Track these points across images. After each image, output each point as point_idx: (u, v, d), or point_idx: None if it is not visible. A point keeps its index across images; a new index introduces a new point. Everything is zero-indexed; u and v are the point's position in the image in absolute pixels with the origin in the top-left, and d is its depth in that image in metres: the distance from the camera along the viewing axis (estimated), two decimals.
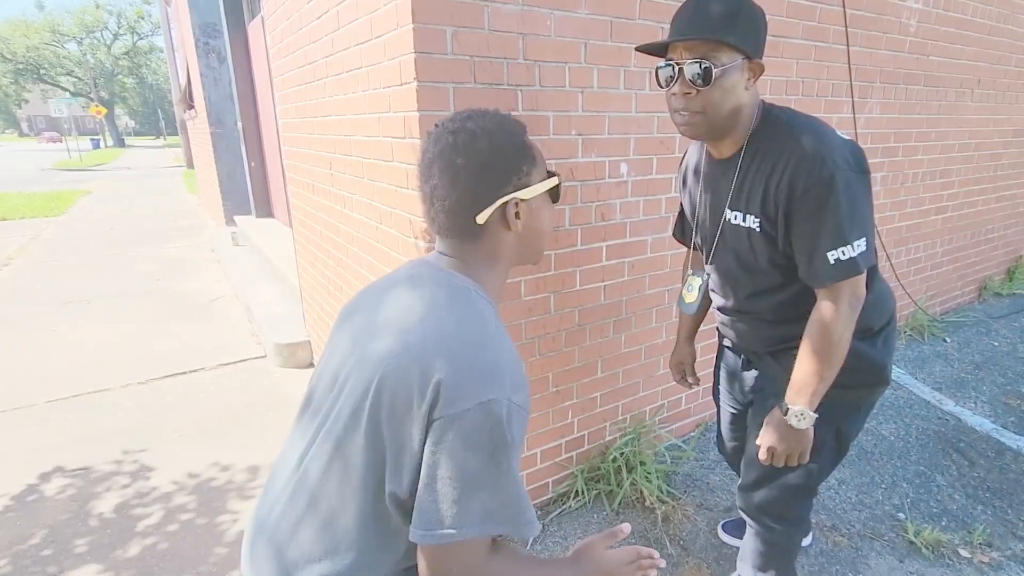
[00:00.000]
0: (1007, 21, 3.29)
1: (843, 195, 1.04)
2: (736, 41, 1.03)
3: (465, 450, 0.70)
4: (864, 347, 1.23)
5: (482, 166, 0.80)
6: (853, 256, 1.06)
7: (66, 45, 36.60)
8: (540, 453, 2.06)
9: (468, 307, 0.80)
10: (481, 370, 0.73)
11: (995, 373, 3.11)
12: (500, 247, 0.86)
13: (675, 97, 1.10)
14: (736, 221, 1.22)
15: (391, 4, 1.49)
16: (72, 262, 5.94)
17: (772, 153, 1.12)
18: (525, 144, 0.84)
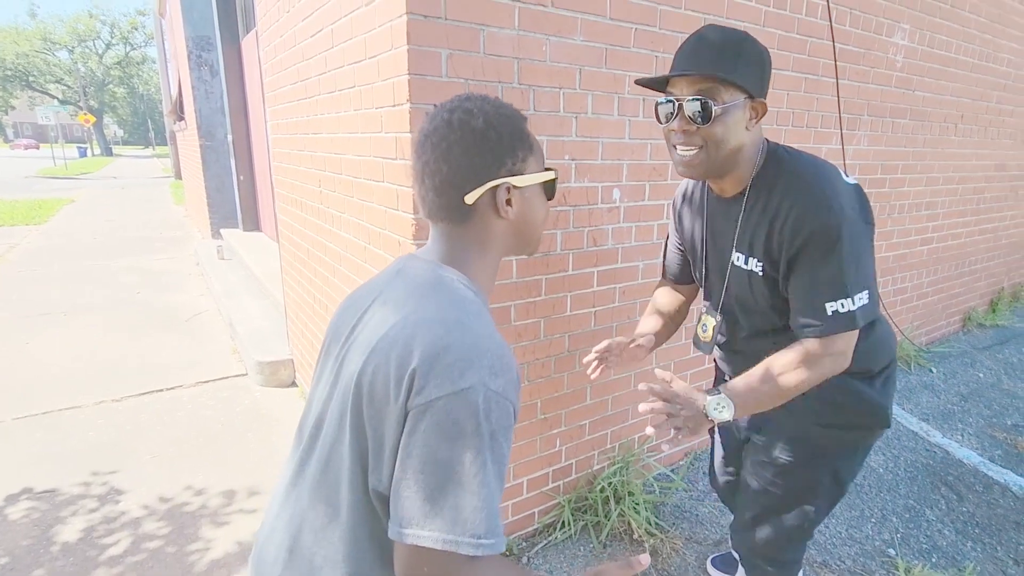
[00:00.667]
0: (988, 59, 3.38)
1: (848, 245, 1.00)
2: (738, 79, 0.99)
3: (438, 441, 0.65)
4: (864, 388, 1.20)
5: (476, 144, 0.77)
6: (852, 310, 1.02)
7: (57, 53, 36.44)
8: (527, 482, 2.01)
9: (449, 294, 0.77)
10: (457, 356, 0.68)
11: (981, 405, 3.12)
12: (490, 234, 0.83)
13: (674, 133, 1.07)
14: (739, 263, 1.18)
15: (386, 25, 1.48)
16: (51, 272, 5.81)
17: (777, 195, 1.08)
18: (523, 131, 0.82)
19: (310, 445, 0.81)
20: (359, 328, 0.80)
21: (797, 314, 1.08)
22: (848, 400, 1.19)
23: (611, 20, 1.73)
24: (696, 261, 1.35)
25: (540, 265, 1.81)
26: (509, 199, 0.81)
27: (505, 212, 0.81)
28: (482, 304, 0.80)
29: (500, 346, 0.73)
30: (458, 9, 1.44)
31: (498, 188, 0.80)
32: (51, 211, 10.22)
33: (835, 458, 1.26)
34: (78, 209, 10.81)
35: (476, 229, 0.83)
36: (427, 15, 1.40)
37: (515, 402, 0.72)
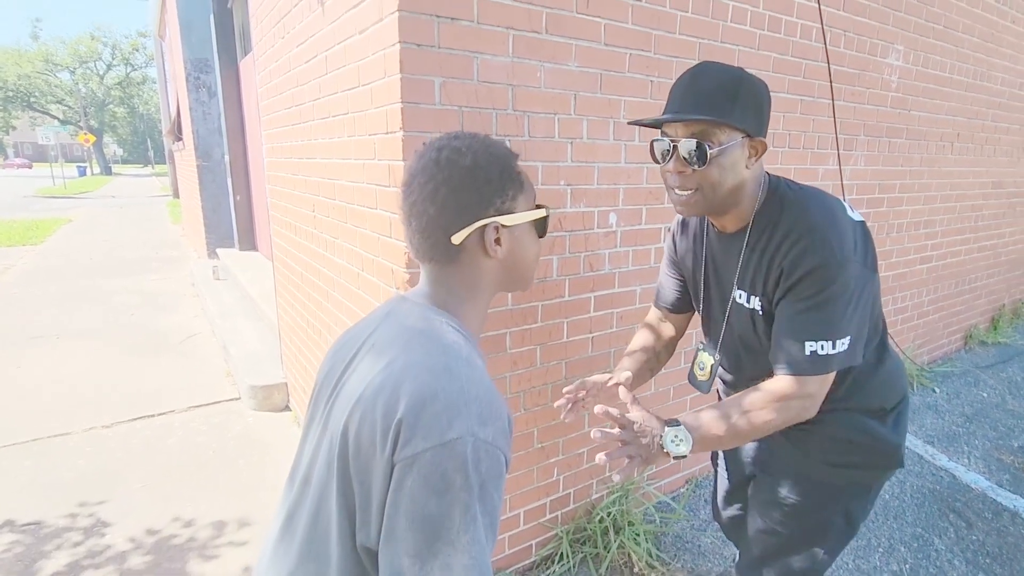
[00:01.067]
0: (983, 78, 3.39)
1: (842, 288, 0.97)
2: (734, 121, 0.97)
3: (426, 496, 0.62)
4: (876, 426, 1.15)
5: (463, 184, 0.76)
6: (831, 353, 0.99)
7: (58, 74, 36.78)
8: (523, 513, 1.96)
9: (438, 339, 0.74)
10: (444, 405, 0.65)
11: (986, 426, 3.07)
12: (479, 274, 0.82)
13: (670, 174, 1.04)
14: (741, 300, 1.15)
15: (380, 53, 1.46)
16: (46, 294, 5.77)
17: (780, 232, 1.04)
18: (512, 169, 0.81)
19: (299, 497, 0.77)
20: (347, 374, 0.77)
21: (775, 346, 1.05)
22: (861, 439, 1.14)
23: (605, 46, 1.72)
24: (697, 295, 1.31)
25: (536, 291, 1.78)
26: (498, 238, 0.79)
27: (494, 252, 0.79)
28: (472, 348, 0.77)
29: (490, 392, 0.70)
30: (451, 37, 1.43)
31: (486, 228, 0.78)
32: (48, 231, 10.20)
33: (847, 499, 1.21)
34: (75, 229, 10.80)
35: (465, 269, 0.81)
36: (420, 44, 1.39)
37: (506, 450, 0.68)
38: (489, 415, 0.67)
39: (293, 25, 2.15)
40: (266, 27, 2.57)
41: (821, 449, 1.16)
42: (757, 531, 1.32)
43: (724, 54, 2.02)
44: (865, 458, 1.16)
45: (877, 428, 1.16)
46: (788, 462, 1.22)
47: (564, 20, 1.62)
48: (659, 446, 0.97)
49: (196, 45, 6.24)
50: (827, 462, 1.18)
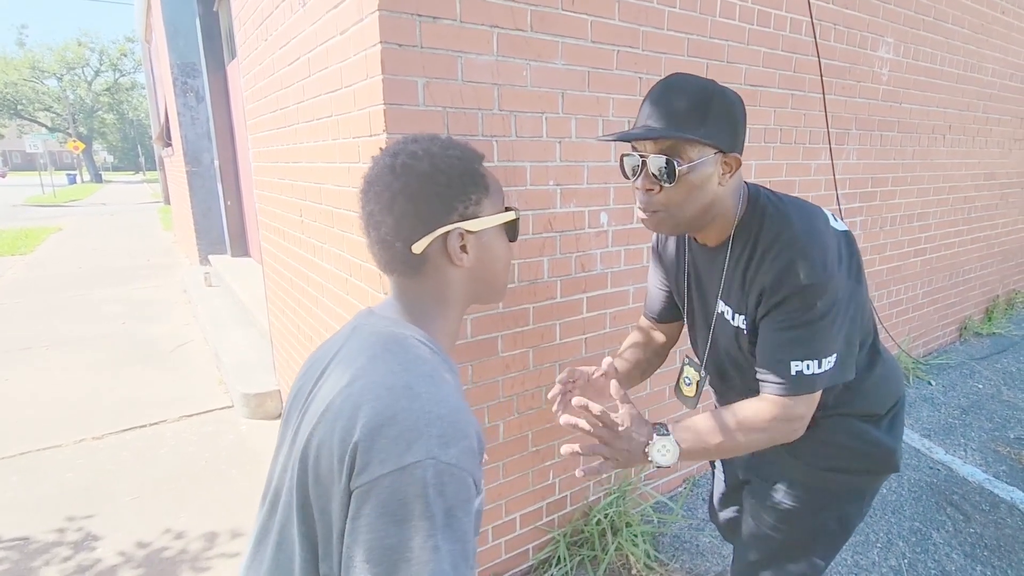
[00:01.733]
0: (973, 70, 3.38)
1: (828, 307, 0.94)
2: (705, 137, 0.92)
3: (384, 526, 0.58)
4: (870, 430, 1.13)
5: (421, 190, 0.71)
6: (816, 373, 0.96)
7: (45, 81, 36.46)
8: (519, 518, 1.93)
9: (402, 355, 0.70)
10: (403, 427, 0.61)
11: (982, 418, 3.07)
12: (447, 285, 0.77)
13: (639, 192, 0.99)
14: (727, 316, 1.11)
15: (361, 54, 1.43)
16: (34, 304, 5.71)
17: (761, 247, 1.00)
18: (475, 171, 0.76)
19: (266, 521, 0.74)
20: (314, 393, 0.73)
21: (760, 365, 1.02)
22: (854, 444, 1.12)
23: (592, 43, 1.70)
24: (681, 305, 1.28)
25: (527, 293, 1.75)
26: (464, 245, 0.75)
27: (460, 260, 0.75)
28: (440, 362, 0.74)
29: (454, 411, 0.65)
30: (434, 37, 1.40)
31: (449, 235, 0.74)
32: (37, 240, 10.10)
33: (841, 504, 1.19)
34: (65, 237, 10.70)
35: (431, 281, 0.77)
36: (402, 44, 1.36)
37: (474, 472, 0.64)
38: (453, 435, 0.62)
39: (276, 27, 2.12)
40: (249, 29, 2.54)
41: (814, 454, 1.14)
42: (752, 535, 1.30)
43: (713, 49, 2.00)
44: (859, 463, 1.14)
45: (871, 432, 1.13)
46: (781, 467, 1.19)
47: (549, 17, 1.59)
48: (643, 453, 0.95)
49: (183, 49, 6.18)
50: (820, 467, 1.16)
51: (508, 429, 1.82)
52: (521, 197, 1.66)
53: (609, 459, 0.94)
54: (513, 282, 1.71)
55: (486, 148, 1.55)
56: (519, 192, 1.65)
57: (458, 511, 0.61)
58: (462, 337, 1.63)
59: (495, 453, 1.80)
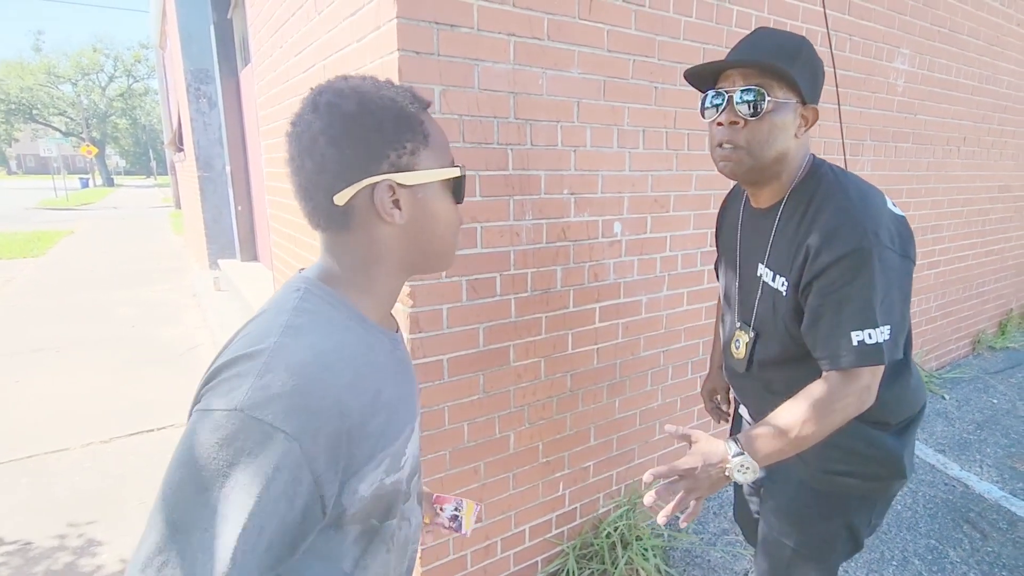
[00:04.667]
0: (989, 82, 3.36)
1: (879, 273, 0.92)
2: (795, 76, 0.95)
3: (173, 467, 0.53)
4: (877, 434, 1.11)
5: (345, 133, 0.62)
6: (880, 342, 0.93)
7: (60, 86, 36.98)
8: (528, 529, 1.91)
9: (276, 306, 0.64)
10: (233, 372, 0.56)
11: (997, 433, 3.01)
12: (376, 244, 0.67)
13: (720, 128, 1.01)
14: (767, 279, 1.11)
15: (378, 61, 1.43)
16: (47, 306, 5.75)
17: (812, 210, 1.01)
18: (413, 117, 0.65)
19: None
20: None
21: (818, 344, 0.99)
22: (859, 446, 1.10)
23: (608, 52, 1.69)
24: (730, 271, 1.27)
25: (539, 303, 1.74)
26: (396, 200, 0.65)
27: (390, 216, 0.65)
28: (339, 319, 0.65)
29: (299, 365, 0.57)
30: (451, 45, 1.40)
31: (377, 187, 0.64)
32: (50, 243, 10.20)
33: (849, 511, 1.17)
34: (77, 240, 10.80)
35: (358, 238, 0.67)
36: (419, 51, 1.36)
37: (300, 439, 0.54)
38: (283, 391, 0.54)
39: (291, 34, 2.13)
40: (264, 36, 2.55)
41: (819, 457, 1.11)
42: (766, 541, 1.29)
43: None
44: (865, 467, 1.12)
45: (879, 437, 1.11)
46: (790, 469, 1.17)
47: (566, 26, 1.59)
48: (724, 477, 0.95)
49: (196, 56, 6.24)
50: (827, 471, 1.14)
51: (519, 440, 1.80)
52: (535, 205, 1.65)
53: (694, 491, 0.94)
54: (526, 291, 1.70)
55: (501, 156, 1.55)
56: (533, 201, 1.64)
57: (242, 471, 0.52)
58: (473, 346, 1.62)
59: (505, 464, 1.79)
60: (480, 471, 1.73)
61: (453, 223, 0.73)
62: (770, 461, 0.98)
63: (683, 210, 2.04)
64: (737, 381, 1.29)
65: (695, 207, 2.07)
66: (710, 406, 1.56)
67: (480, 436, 1.70)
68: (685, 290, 2.13)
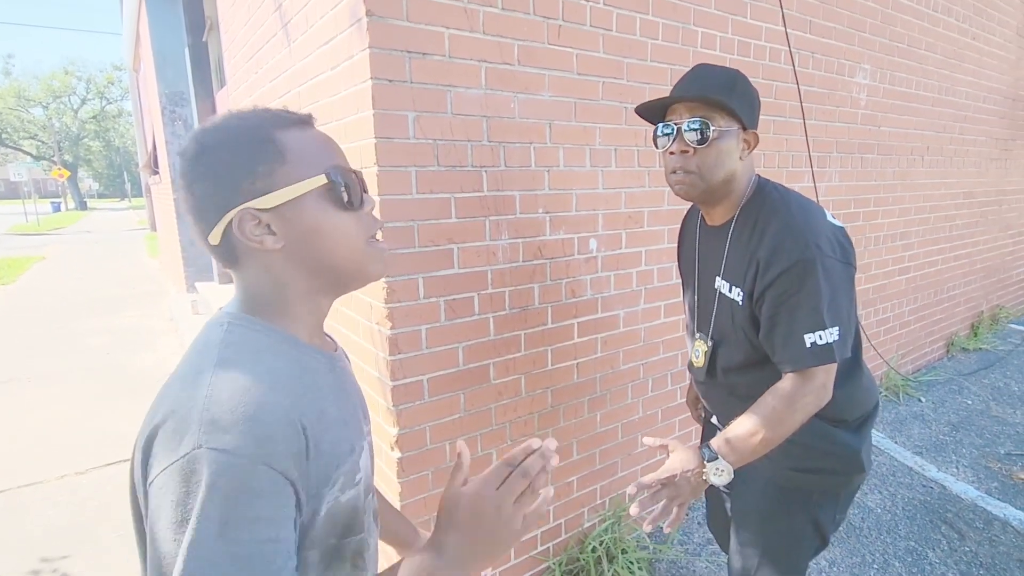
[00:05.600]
0: (948, 93, 3.49)
1: (823, 280, 1.02)
2: (733, 105, 1.05)
3: (157, 529, 0.51)
4: (835, 431, 1.19)
5: (197, 176, 0.63)
6: (830, 342, 1.03)
7: (31, 110, 36.40)
8: (513, 548, 1.91)
9: (203, 342, 0.63)
10: (179, 419, 0.54)
11: (972, 434, 3.09)
12: (272, 271, 0.66)
13: (672, 156, 1.11)
14: (723, 291, 1.20)
15: (352, 89, 1.45)
16: (16, 336, 5.61)
17: (760, 226, 1.11)
18: (261, 139, 0.63)
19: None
20: None
21: (775, 348, 1.09)
22: (820, 443, 1.18)
23: (578, 75, 1.73)
24: (688, 287, 1.37)
25: (518, 320, 1.76)
26: (268, 225, 0.64)
27: (260, 243, 0.64)
28: (266, 344, 0.64)
29: (242, 393, 0.56)
30: (423, 72, 1.42)
31: (236, 220, 0.63)
32: (20, 270, 9.98)
33: (814, 507, 1.24)
34: (48, 267, 10.58)
35: (253, 269, 0.66)
36: (392, 79, 1.38)
37: (268, 459, 0.54)
38: (231, 420, 0.54)
39: (266, 60, 2.14)
40: (239, 61, 2.56)
41: (783, 455, 1.17)
42: (737, 543, 1.34)
43: None
44: (825, 462, 1.20)
45: (837, 434, 1.19)
46: (757, 469, 1.23)
47: (536, 51, 1.62)
48: (703, 481, 1.05)
49: (171, 78, 6.21)
50: (789, 467, 1.21)
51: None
52: (511, 225, 1.68)
53: (677, 498, 1.03)
54: (504, 309, 1.71)
55: (475, 179, 1.57)
56: (509, 220, 1.67)
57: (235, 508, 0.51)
58: (453, 365, 1.63)
59: None
60: None
61: (349, 232, 0.68)
62: (743, 462, 1.06)
63: (657, 225, 2.08)
64: (702, 388, 1.36)
65: (668, 222, 2.11)
66: (696, 414, 1.62)
67: None
68: (662, 303, 2.17)
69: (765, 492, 1.26)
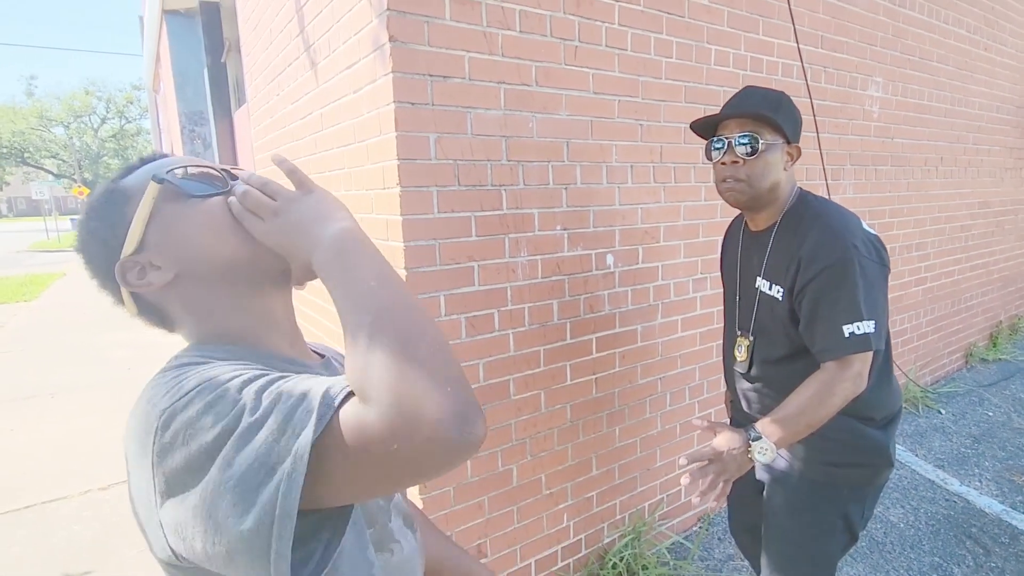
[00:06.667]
0: (961, 104, 3.49)
1: (860, 277, 1.13)
2: (780, 122, 1.18)
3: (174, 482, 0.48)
4: (864, 427, 1.28)
5: (86, 253, 0.63)
6: (868, 332, 1.12)
7: (52, 129, 37.25)
8: (534, 563, 1.91)
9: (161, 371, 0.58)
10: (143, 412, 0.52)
11: (994, 447, 3.04)
12: (189, 302, 0.63)
13: (723, 167, 1.23)
14: (765, 289, 1.31)
15: (374, 112, 1.50)
16: (40, 351, 5.72)
17: (802, 230, 1.22)
18: (109, 191, 0.62)
19: None
20: None
21: (816, 339, 1.19)
22: (850, 438, 1.27)
23: (594, 94, 1.77)
24: (731, 288, 1.47)
25: (537, 336, 1.78)
26: (145, 263, 0.60)
27: (151, 283, 0.61)
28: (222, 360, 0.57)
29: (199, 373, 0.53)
30: (445, 95, 1.46)
31: (126, 275, 0.61)
32: (42, 286, 10.17)
33: (844, 501, 1.30)
34: (69, 282, 10.76)
35: (178, 314, 0.64)
36: (415, 103, 1.42)
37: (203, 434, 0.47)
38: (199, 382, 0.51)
39: (287, 83, 2.20)
40: (260, 84, 2.63)
41: (818, 450, 1.29)
42: (769, 539, 1.40)
43: (709, 95, 2.07)
44: (855, 456, 1.29)
45: (866, 429, 1.29)
46: (791, 465, 1.33)
47: (553, 72, 1.66)
48: (748, 458, 1.14)
49: (190, 98, 6.36)
50: (824, 461, 1.30)
51: (521, 473, 1.81)
52: (530, 242, 1.70)
53: (723, 474, 1.12)
54: (524, 325, 1.73)
55: (495, 197, 1.61)
56: (527, 238, 1.69)
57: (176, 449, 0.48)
58: (474, 381, 1.65)
59: (509, 497, 1.80)
60: (484, 506, 1.74)
61: (211, 224, 0.61)
62: (785, 443, 1.15)
63: (673, 240, 2.10)
64: (741, 383, 1.45)
65: (684, 236, 2.13)
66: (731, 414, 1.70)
67: (483, 471, 1.72)
68: (679, 317, 2.18)
69: (798, 487, 1.33)
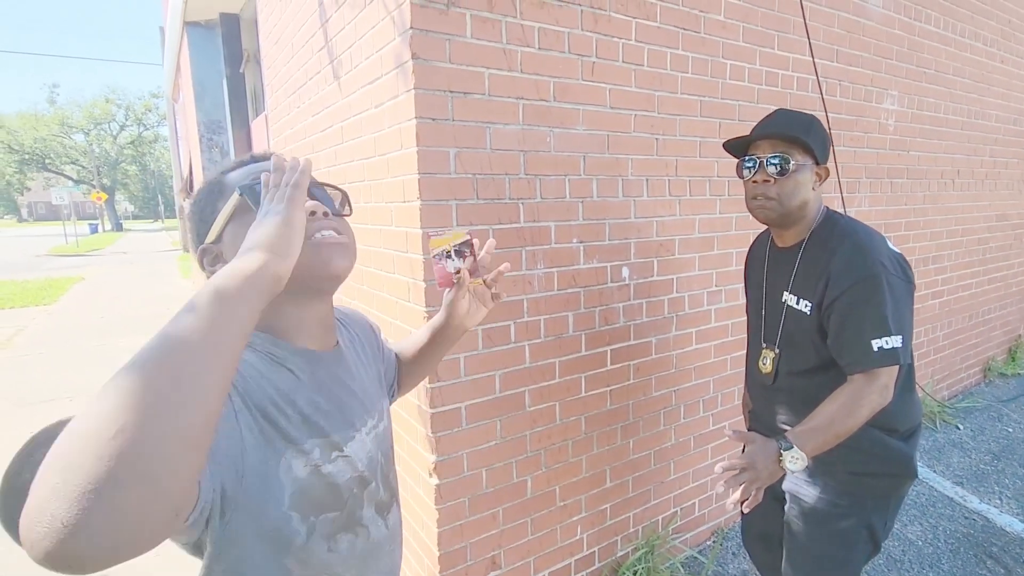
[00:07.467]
0: (977, 116, 3.46)
1: (888, 293, 1.16)
2: (809, 143, 1.22)
3: None
4: (888, 438, 1.31)
5: (189, 229, 0.75)
6: (896, 347, 1.15)
7: (73, 136, 37.96)
8: (547, 574, 1.91)
9: None
10: None
11: (1015, 463, 3.00)
12: None
13: (755, 185, 1.28)
14: (791, 303, 1.34)
15: (395, 127, 1.53)
16: (57, 355, 5.81)
17: (830, 247, 1.26)
18: (213, 182, 0.74)
19: None
20: None
21: (844, 352, 1.21)
22: (873, 447, 1.30)
23: (611, 109, 1.79)
24: (756, 301, 1.50)
25: (553, 348, 1.79)
26: (218, 254, 0.72)
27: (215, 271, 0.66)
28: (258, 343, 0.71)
29: None
30: (464, 110, 1.49)
31: (198, 258, 0.73)
32: (61, 290, 10.33)
33: (868, 511, 1.32)
34: (87, 287, 10.94)
35: None
36: (435, 118, 1.45)
37: None
38: None
39: (308, 96, 2.24)
40: (281, 96, 2.68)
41: (844, 460, 1.30)
42: (793, 548, 1.41)
43: (725, 109, 2.09)
44: (880, 467, 1.32)
45: (890, 442, 1.31)
46: (815, 475, 1.35)
47: (571, 88, 1.68)
48: (779, 467, 1.14)
49: (209, 108, 6.46)
50: (849, 471, 1.32)
51: (536, 484, 1.82)
52: (546, 255, 1.72)
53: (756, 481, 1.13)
54: (539, 337, 1.75)
55: (513, 211, 1.63)
56: (544, 251, 1.71)
57: None
58: (490, 393, 1.67)
59: (523, 509, 1.80)
60: (499, 517, 1.75)
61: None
62: (816, 452, 1.16)
63: (688, 253, 2.10)
64: (766, 394, 1.47)
65: (699, 249, 2.13)
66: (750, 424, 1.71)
67: (498, 482, 1.73)
68: (693, 330, 2.18)
69: (823, 497, 1.35)
